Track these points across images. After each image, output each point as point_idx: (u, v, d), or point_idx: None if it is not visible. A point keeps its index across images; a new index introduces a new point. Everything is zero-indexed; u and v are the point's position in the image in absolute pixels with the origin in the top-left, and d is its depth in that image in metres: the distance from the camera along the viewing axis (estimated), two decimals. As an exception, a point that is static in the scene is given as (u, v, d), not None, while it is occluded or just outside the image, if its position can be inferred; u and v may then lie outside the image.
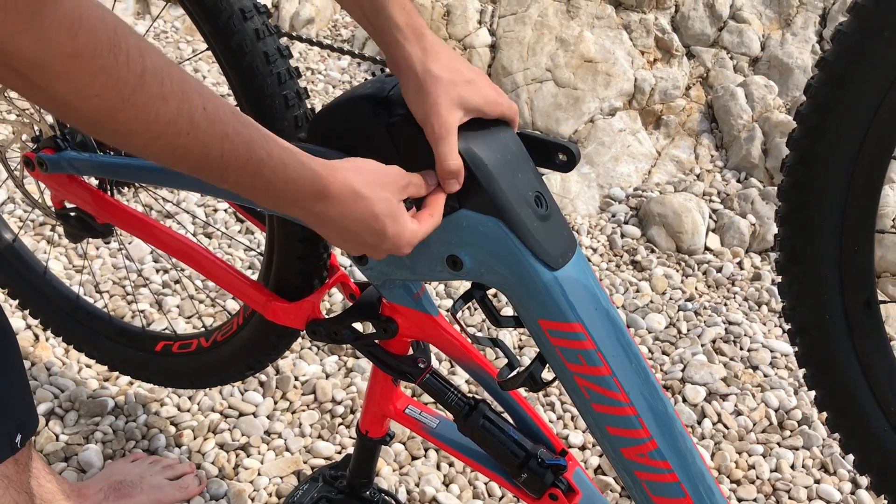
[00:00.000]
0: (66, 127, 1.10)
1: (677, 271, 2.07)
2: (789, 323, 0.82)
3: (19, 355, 0.95)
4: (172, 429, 1.46)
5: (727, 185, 2.35)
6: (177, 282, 1.80)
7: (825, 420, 0.84)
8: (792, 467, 1.50)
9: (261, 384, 1.56)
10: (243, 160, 0.58)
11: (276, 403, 1.53)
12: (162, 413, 1.48)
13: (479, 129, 0.72)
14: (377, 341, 0.92)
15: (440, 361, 1.65)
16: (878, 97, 0.66)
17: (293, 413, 1.52)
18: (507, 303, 1.72)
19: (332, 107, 0.77)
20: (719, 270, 2.08)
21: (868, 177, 0.70)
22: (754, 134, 2.41)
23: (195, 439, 1.44)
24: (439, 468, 1.43)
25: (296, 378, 1.58)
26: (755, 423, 1.59)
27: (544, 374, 0.79)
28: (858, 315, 0.77)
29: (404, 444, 1.46)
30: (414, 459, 1.44)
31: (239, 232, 2.02)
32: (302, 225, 0.71)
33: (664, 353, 1.77)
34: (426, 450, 1.46)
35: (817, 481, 1.48)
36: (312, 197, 0.64)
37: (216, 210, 2.07)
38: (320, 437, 1.47)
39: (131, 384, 1.53)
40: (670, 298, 1.96)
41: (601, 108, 2.48)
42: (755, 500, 1.43)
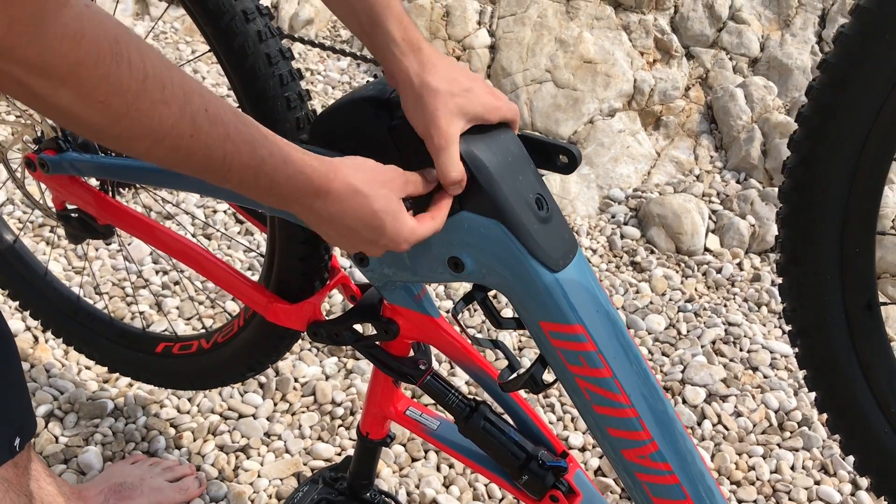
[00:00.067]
0: (67, 128, 1.10)
1: (677, 272, 2.07)
2: (790, 324, 0.82)
3: (18, 358, 0.95)
4: (172, 430, 1.46)
5: (727, 186, 2.36)
6: (176, 283, 1.80)
7: (825, 421, 0.84)
8: (792, 468, 1.50)
9: (260, 386, 1.56)
10: (246, 160, 0.58)
11: (276, 405, 1.53)
12: (162, 415, 1.48)
13: (481, 132, 0.73)
14: (378, 343, 0.93)
15: (440, 363, 1.65)
16: (880, 99, 0.66)
17: (293, 415, 1.52)
18: (508, 304, 1.73)
19: (334, 109, 0.77)
20: (719, 271, 2.08)
21: (869, 178, 0.70)
22: (754, 135, 2.41)
23: (195, 441, 1.44)
24: (439, 470, 1.43)
25: (296, 380, 1.58)
26: (755, 425, 1.59)
27: (545, 376, 0.79)
28: (859, 317, 0.77)
29: (404, 446, 1.46)
30: (414, 461, 1.44)
31: (238, 233, 2.02)
32: (303, 226, 0.72)
33: (664, 355, 1.77)
34: (426, 451, 1.46)
35: (817, 482, 1.48)
36: (313, 194, 0.64)
37: (215, 211, 2.06)
38: (320, 439, 1.47)
39: (131, 386, 1.53)
40: (670, 299, 1.96)
41: (600, 109, 2.48)
42: (755, 502, 1.44)
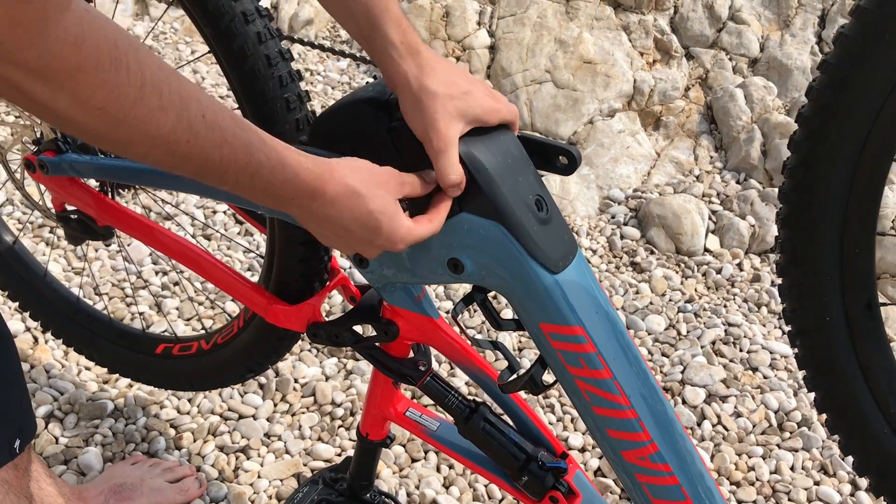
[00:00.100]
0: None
1: (677, 273, 2.07)
2: (790, 325, 0.82)
3: (18, 360, 0.95)
4: (172, 431, 1.46)
5: (726, 187, 2.36)
6: (176, 284, 1.80)
7: (825, 422, 0.84)
8: (791, 469, 1.50)
9: (260, 386, 1.56)
10: (242, 163, 0.59)
11: (276, 406, 1.53)
12: (162, 415, 1.48)
13: (480, 134, 0.73)
14: (378, 344, 0.93)
15: (439, 363, 1.65)
16: (880, 100, 0.66)
17: (293, 415, 1.52)
18: (507, 305, 1.72)
19: (334, 110, 0.77)
20: (719, 272, 2.08)
21: (869, 179, 0.70)
22: (753, 135, 2.41)
23: (195, 442, 1.44)
24: (439, 470, 1.43)
25: (295, 380, 1.58)
26: (755, 425, 1.59)
27: (545, 377, 0.79)
28: (859, 317, 0.77)
29: (404, 447, 1.46)
30: (414, 461, 1.44)
31: (238, 234, 2.02)
32: (302, 227, 0.71)
33: (664, 355, 1.77)
34: (426, 452, 1.45)
35: (817, 483, 1.48)
36: (309, 195, 0.65)
37: (215, 212, 2.06)
38: (320, 440, 1.47)
39: (131, 386, 1.53)
40: (670, 300, 1.96)
41: (600, 110, 2.48)
42: (755, 502, 1.44)
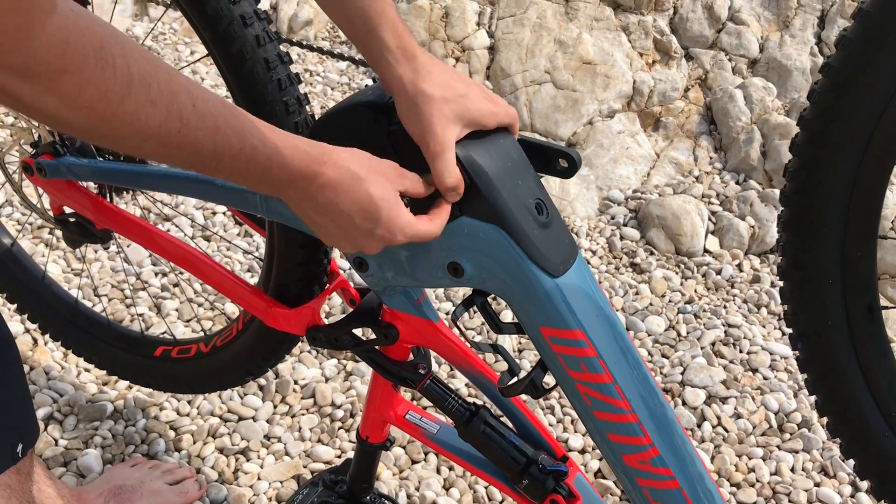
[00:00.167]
0: (65, 132, 1.10)
1: (676, 274, 2.07)
2: (791, 328, 0.81)
3: (20, 365, 0.95)
4: (172, 433, 1.45)
5: (726, 187, 2.35)
6: (176, 285, 1.80)
7: (826, 425, 0.84)
8: (792, 470, 1.50)
9: (260, 388, 1.56)
10: (237, 150, 0.58)
11: (276, 407, 1.53)
12: (161, 417, 1.47)
13: (479, 137, 0.72)
14: (378, 347, 0.92)
15: (439, 365, 1.65)
16: (882, 103, 0.66)
17: (293, 417, 1.51)
18: (507, 307, 1.72)
19: (333, 113, 0.77)
20: (718, 273, 2.08)
21: (871, 183, 0.70)
22: (753, 136, 2.41)
23: (195, 444, 1.43)
24: (439, 472, 1.43)
25: (295, 382, 1.58)
26: (755, 426, 1.59)
27: (545, 381, 0.79)
28: (860, 320, 0.77)
29: (404, 449, 1.45)
30: (414, 464, 1.44)
31: (238, 235, 2.02)
32: (302, 231, 0.71)
33: (664, 356, 1.77)
34: (426, 454, 1.45)
35: (817, 484, 1.48)
36: (308, 177, 0.63)
37: (214, 213, 2.06)
38: (320, 442, 1.47)
39: (130, 388, 1.53)
40: (670, 301, 1.96)
41: (600, 110, 2.48)
42: (755, 504, 1.44)
